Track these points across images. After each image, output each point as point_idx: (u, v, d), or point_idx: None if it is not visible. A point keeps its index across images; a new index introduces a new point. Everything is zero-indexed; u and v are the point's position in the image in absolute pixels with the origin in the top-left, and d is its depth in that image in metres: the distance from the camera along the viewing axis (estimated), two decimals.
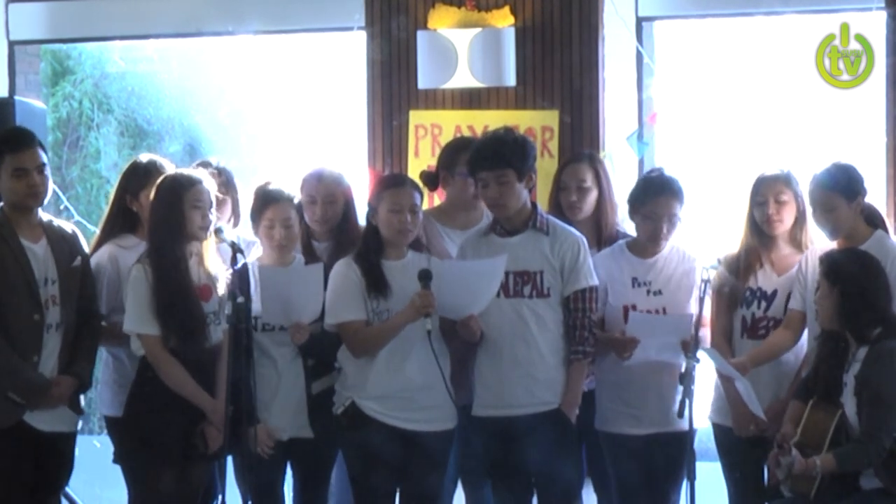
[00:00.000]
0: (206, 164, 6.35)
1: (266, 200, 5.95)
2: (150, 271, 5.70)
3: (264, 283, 5.79)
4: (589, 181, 6.23)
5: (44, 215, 5.89)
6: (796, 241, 5.98)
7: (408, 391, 5.74)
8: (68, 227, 5.98)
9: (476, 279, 5.73)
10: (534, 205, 5.89)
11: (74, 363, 5.84)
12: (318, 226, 6.20)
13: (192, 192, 5.74)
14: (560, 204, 6.25)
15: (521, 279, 5.79)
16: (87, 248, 6.01)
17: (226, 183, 6.34)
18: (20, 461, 5.75)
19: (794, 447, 5.43)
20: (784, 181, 5.94)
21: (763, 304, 5.95)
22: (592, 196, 6.24)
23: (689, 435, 5.63)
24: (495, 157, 5.77)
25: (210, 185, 5.82)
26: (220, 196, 6.14)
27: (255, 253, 6.04)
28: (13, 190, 5.77)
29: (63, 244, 5.86)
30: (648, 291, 5.99)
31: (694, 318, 5.80)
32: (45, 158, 5.84)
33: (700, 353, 5.68)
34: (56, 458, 5.89)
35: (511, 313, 5.78)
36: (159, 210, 5.76)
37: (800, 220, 5.97)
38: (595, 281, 5.83)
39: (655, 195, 5.95)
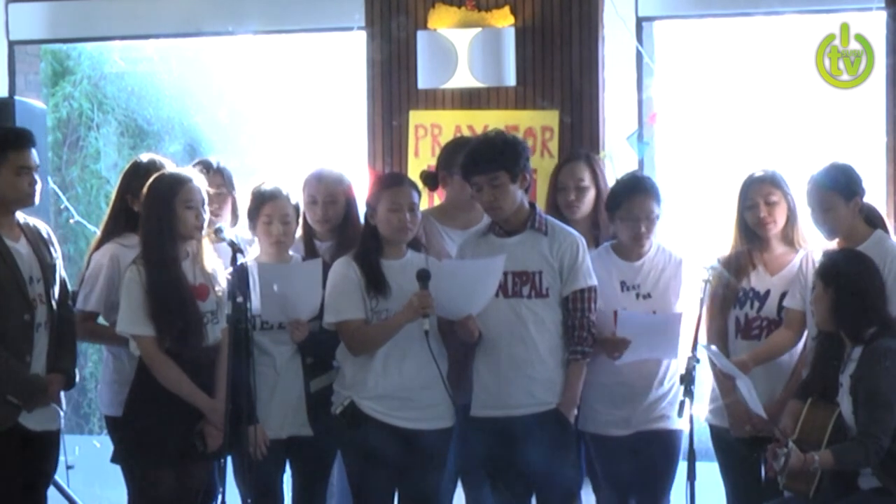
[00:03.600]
0: (205, 163, 6.35)
1: (264, 197, 5.96)
2: (144, 272, 5.70)
3: (263, 280, 5.79)
4: (587, 180, 6.24)
5: (19, 216, 5.88)
6: (789, 239, 5.98)
7: (406, 390, 5.74)
8: (41, 225, 5.99)
9: (474, 279, 5.73)
10: (532, 205, 5.89)
11: (60, 360, 5.84)
12: (320, 226, 6.21)
13: (184, 192, 5.74)
14: (557, 204, 6.25)
15: (520, 279, 5.79)
16: (57, 246, 5.99)
17: (226, 183, 6.34)
18: (10, 461, 5.74)
19: (793, 443, 5.43)
20: (771, 182, 5.94)
21: (756, 304, 5.96)
22: (590, 195, 6.25)
23: (690, 435, 5.63)
24: (486, 161, 5.76)
25: (201, 184, 5.82)
26: (222, 192, 6.15)
27: (253, 252, 6.04)
28: (16, 187, 5.76)
29: (40, 242, 5.88)
30: (637, 295, 5.99)
31: (692, 318, 5.80)
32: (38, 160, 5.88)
33: (700, 353, 5.69)
34: (45, 455, 5.90)
35: (509, 313, 5.78)
36: (151, 211, 5.75)
37: (791, 218, 5.97)
38: (594, 281, 5.83)
39: (630, 196, 5.96)
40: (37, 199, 5.85)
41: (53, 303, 5.84)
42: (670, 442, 5.88)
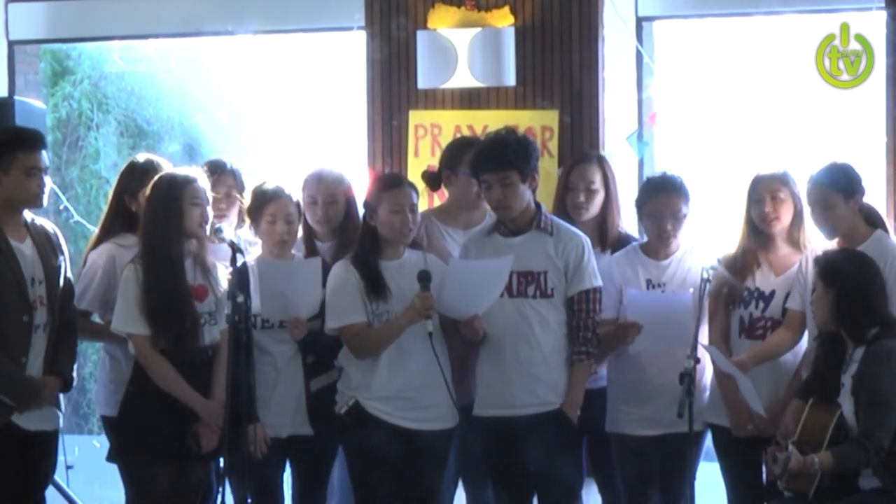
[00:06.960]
0: (217, 164, 6.31)
1: (267, 197, 5.95)
2: (142, 271, 5.68)
3: (263, 277, 5.79)
4: (597, 183, 6.22)
5: (27, 215, 5.87)
6: (794, 240, 5.98)
7: (410, 391, 5.74)
8: (49, 225, 5.98)
9: (482, 279, 5.73)
10: (538, 205, 5.88)
11: (57, 362, 5.83)
12: (321, 226, 6.20)
13: (190, 190, 5.73)
14: (565, 204, 6.24)
15: (525, 279, 5.78)
16: (64, 247, 5.98)
17: (237, 185, 6.32)
18: (7, 461, 5.74)
19: (793, 445, 5.43)
20: (781, 180, 5.94)
21: (761, 304, 5.95)
22: (599, 198, 6.23)
23: (690, 436, 5.63)
24: (498, 160, 5.75)
25: (205, 184, 5.81)
26: (232, 193, 6.16)
27: (254, 252, 6.04)
28: (25, 188, 5.74)
29: (46, 243, 5.86)
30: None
31: (693, 319, 5.79)
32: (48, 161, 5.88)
33: (700, 353, 5.68)
34: (41, 456, 5.88)
35: (514, 313, 5.77)
36: (157, 208, 5.73)
37: (797, 219, 5.96)
38: (599, 282, 5.81)
39: (657, 193, 5.98)
40: (45, 201, 5.84)
41: (55, 305, 5.83)
42: (695, 441, 5.84)
